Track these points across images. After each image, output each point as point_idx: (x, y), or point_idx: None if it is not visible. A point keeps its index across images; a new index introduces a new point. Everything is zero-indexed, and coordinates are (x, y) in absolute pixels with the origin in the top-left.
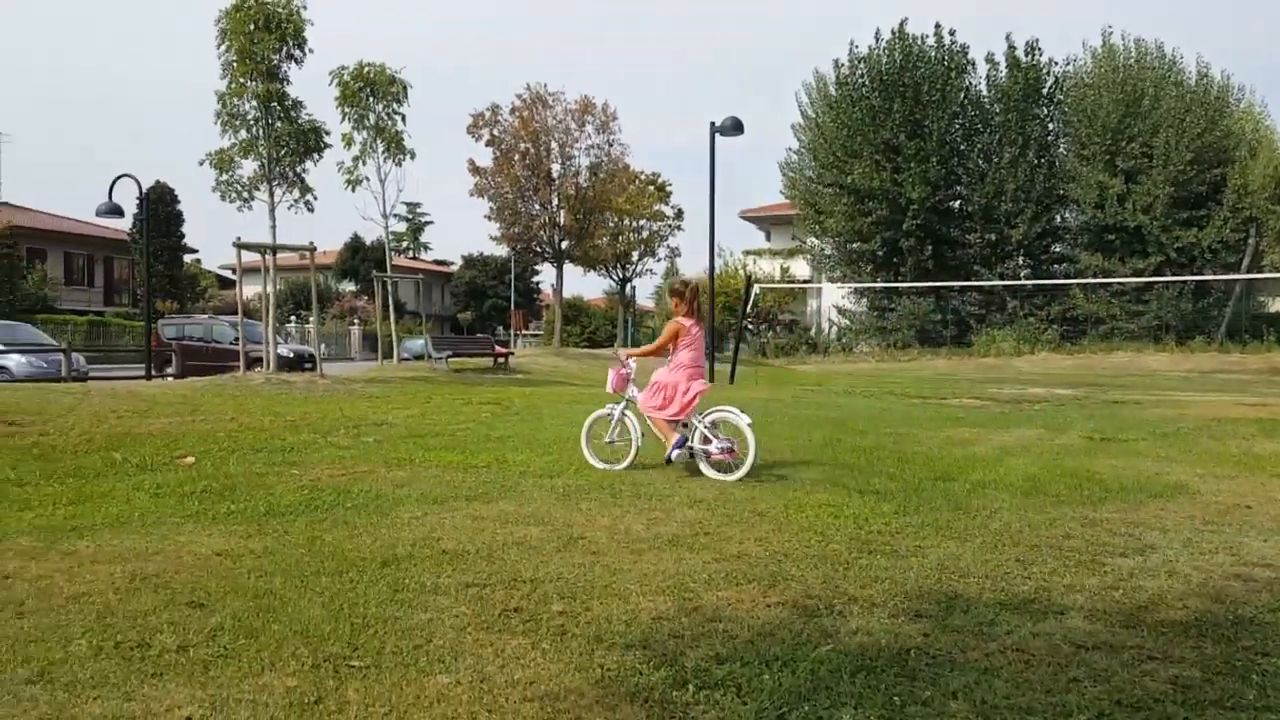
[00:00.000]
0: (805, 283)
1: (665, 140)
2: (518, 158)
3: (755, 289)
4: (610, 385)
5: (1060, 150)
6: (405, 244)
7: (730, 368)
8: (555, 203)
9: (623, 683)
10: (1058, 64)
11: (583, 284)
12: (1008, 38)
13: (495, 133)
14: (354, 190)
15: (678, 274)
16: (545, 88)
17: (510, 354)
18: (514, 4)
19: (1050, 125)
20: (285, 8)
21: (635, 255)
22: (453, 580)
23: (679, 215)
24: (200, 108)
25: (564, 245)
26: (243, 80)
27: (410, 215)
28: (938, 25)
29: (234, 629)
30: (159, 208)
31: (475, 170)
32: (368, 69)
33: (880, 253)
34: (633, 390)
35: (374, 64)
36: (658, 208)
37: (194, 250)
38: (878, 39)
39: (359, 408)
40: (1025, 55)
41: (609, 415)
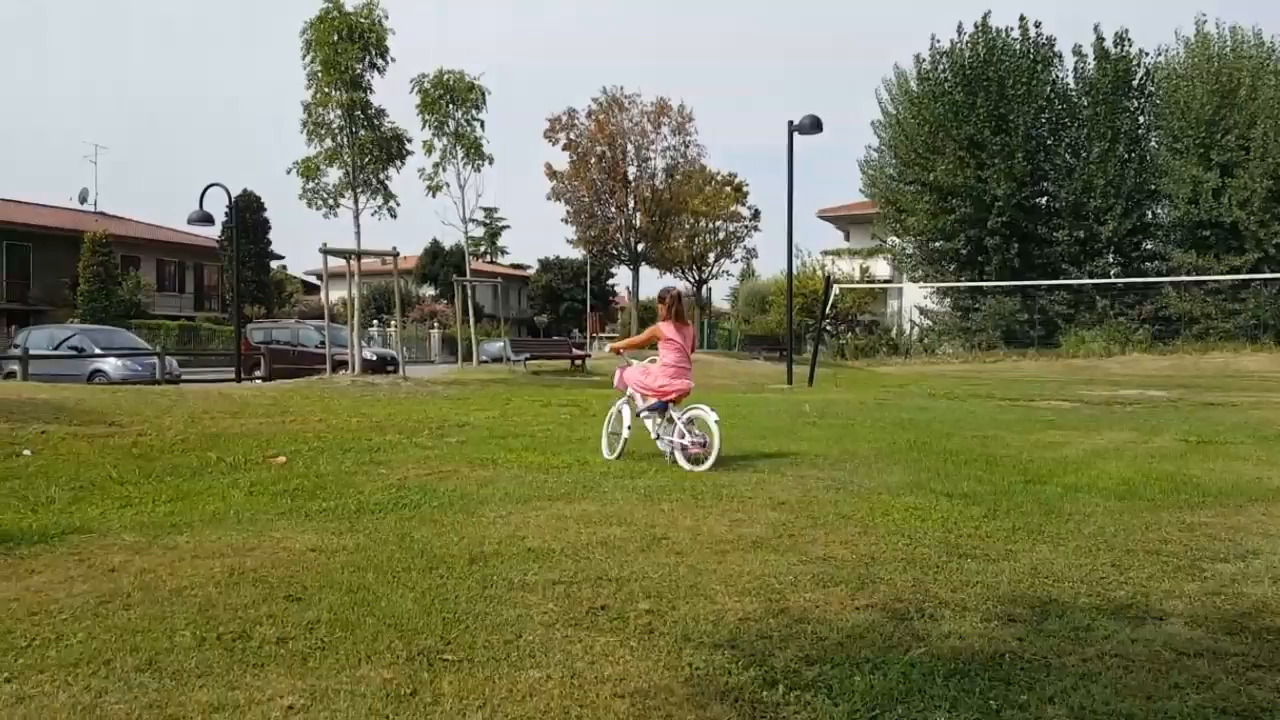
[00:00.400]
0: (886, 282)
1: (742, 139)
2: (594, 161)
3: (835, 289)
4: (616, 381)
5: (1151, 144)
6: (483, 248)
7: (809, 369)
8: (631, 205)
9: (712, 682)
10: (1148, 55)
11: (658, 286)
12: (1096, 29)
13: (572, 136)
14: (434, 196)
15: (754, 276)
16: (621, 90)
17: (587, 356)
18: (591, 6)
19: (1141, 118)
20: (368, 18)
21: (711, 257)
22: (539, 578)
23: (755, 216)
24: (287, 117)
25: (640, 248)
26: (327, 90)
27: (488, 220)
28: (1022, 17)
29: (330, 622)
30: (247, 215)
31: (552, 174)
32: (447, 76)
33: (964, 251)
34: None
35: (453, 71)
36: (734, 208)
37: (280, 256)
38: (960, 33)
39: (441, 409)
40: (1114, 46)
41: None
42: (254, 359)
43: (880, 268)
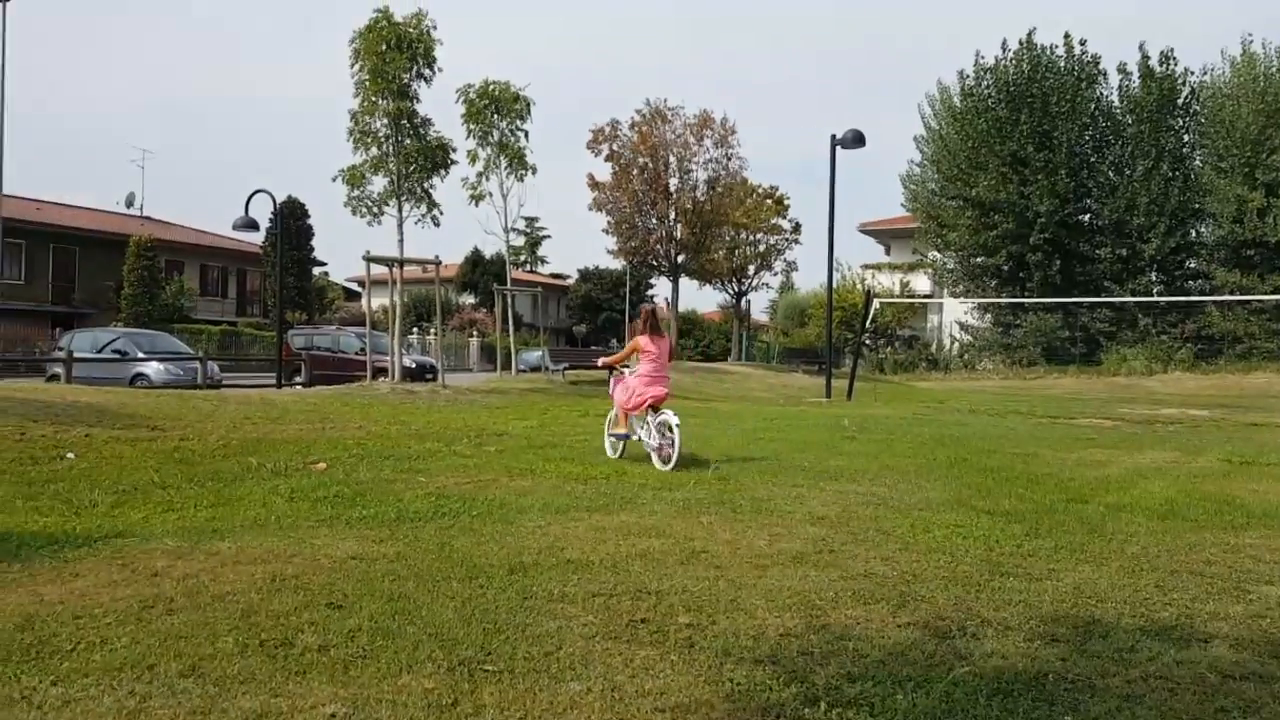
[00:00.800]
0: (926, 297)
1: (784, 153)
2: (636, 172)
3: (875, 303)
4: (612, 390)
5: (1196, 163)
6: (523, 257)
7: (848, 383)
8: (672, 217)
9: (753, 697)
10: (1193, 74)
11: (698, 298)
12: (1141, 47)
13: (615, 148)
14: (477, 205)
15: (793, 289)
16: (665, 102)
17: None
18: (636, 19)
19: (1185, 137)
20: (416, 28)
21: (751, 269)
22: (579, 589)
23: (796, 229)
24: (334, 125)
25: (680, 259)
26: (374, 99)
27: (529, 230)
28: (1067, 35)
29: (371, 630)
30: (291, 222)
31: (594, 185)
32: (493, 87)
33: (1005, 267)
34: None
35: (499, 82)
36: (775, 221)
37: (323, 263)
38: (1004, 49)
39: (480, 418)
40: (1159, 65)
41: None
42: (295, 365)
43: (921, 282)
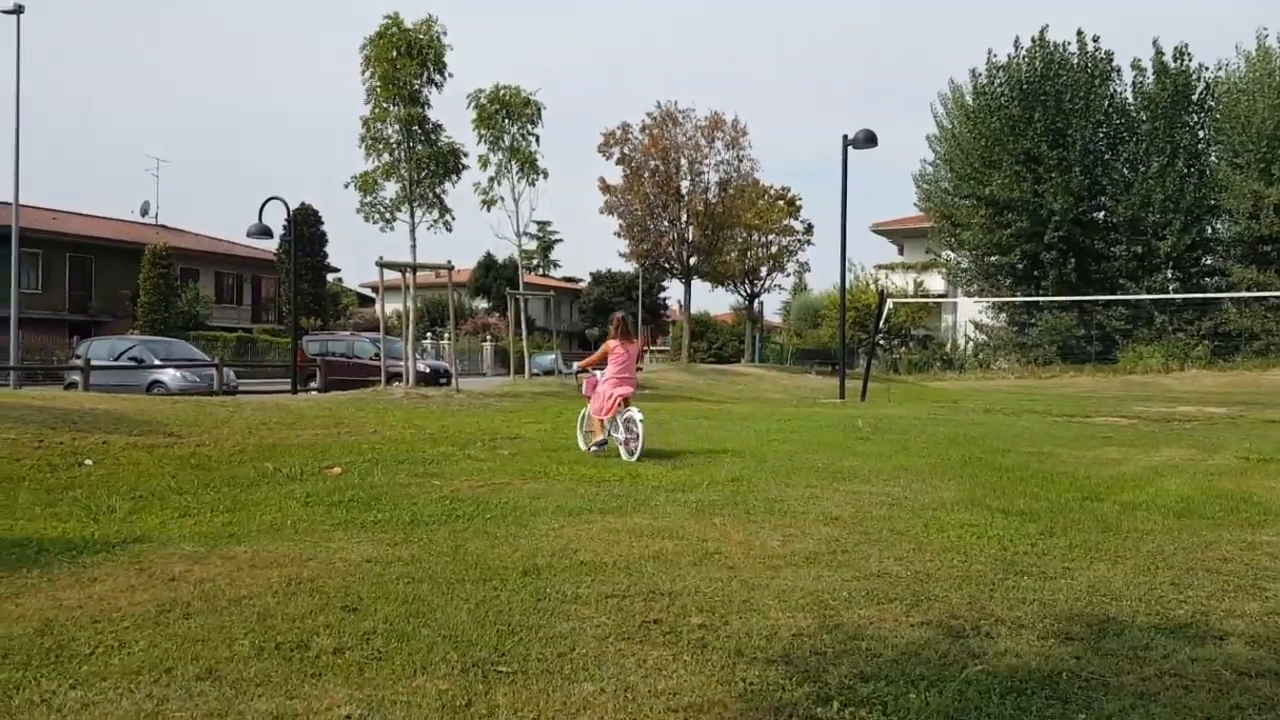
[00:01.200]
0: (940, 297)
1: (796, 153)
2: (647, 175)
3: (888, 304)
4: (585, 390)
5: (1211, 159)
6: (535, 262)
7: (862, 384)
8: (684, 219)
9: (766, 697)
10: (1208, 69)
11: (710, 300)
12: (1155, 43)
13: (626, 151)
14: (489, 210)
15: (806, 290)
16: (675, 105)
17: (638, 370)
18: (645, 20)
19: (1200, 133)
20: (426, 34)
21: (764, 270)
22: (592, 591)
23: (809, 230)
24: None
25: (692, 261)
26: (385, 105)
27: (540, 234)
28: (1080, 32)
29: (386, 633)
30: (304, 228)
31: (606, 188)
32: (503, 91)
33: (1020, 266)
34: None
35: (509, 86)
36: (787, 222)
37: (336, 269)
38: (1017, 47)
39: (494, 421)
40: (1173, 61)
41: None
42: (310, 371)
43: (935, 282)
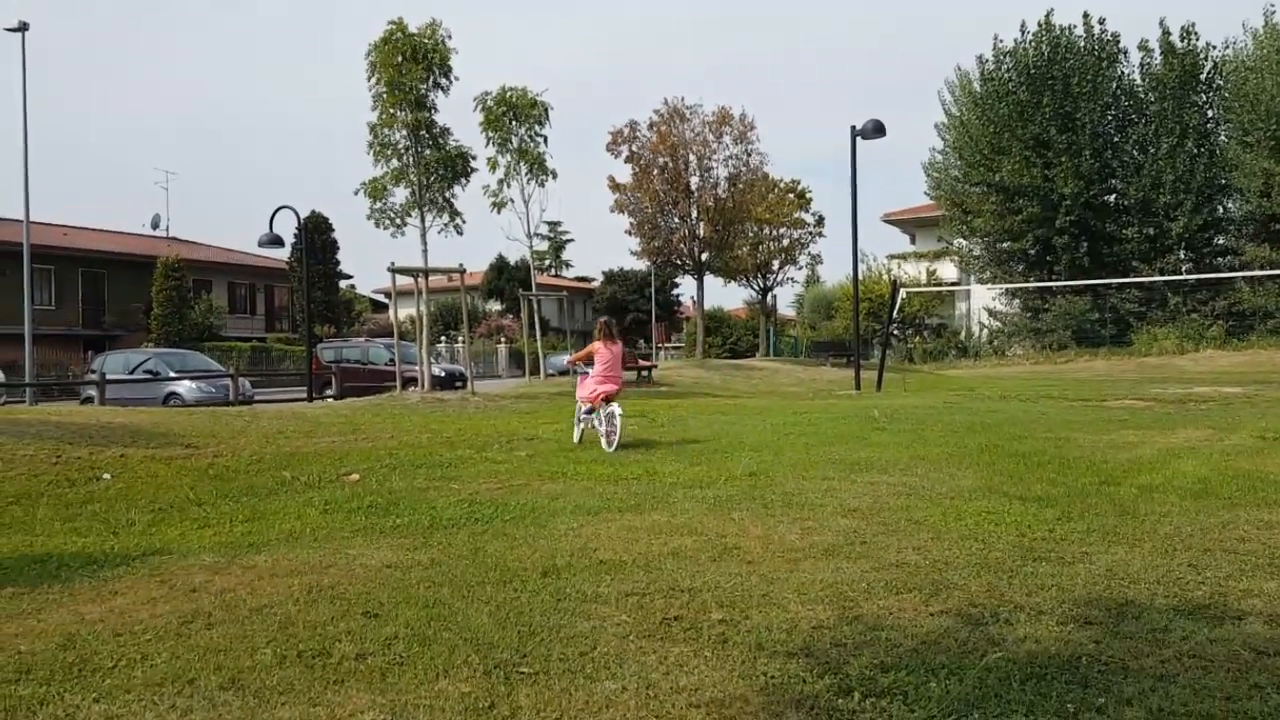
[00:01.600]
0: (953, 285)
1: (809, 148)
2: (656, 172)
3: (901, 293)
4: (578, 391)
5: (1221, 138)
6: (547, 262)
7: (877, 374)
8: (694, 215)
9: (787, 690)
10: (1215, 48)
11: (723, 295)
12: (1161, 23)
13: (634, 149)
14: (499, 212)
15: (819, 282)
16: (683, 101)
17: (653, 367)
18: (650, 18)
19: (1210, 112)
20: (431, 38)
21: (776, 264)
22: (612, 589)
23: (820, 222)
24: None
25: (704, 257)
26: (392, 110)
27: (552, 234)
28: (1086, 15)
29: (408, 637)
30: (315, 236)
31: (615, 187)
32: (510, 93)
33: (1032, 251)
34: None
35: (516, 88)
36: (798, 215)
37: (349, 276)
38: (1023, 32)
39: (510, 423)
40: (1181, 40)
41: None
42: (325, 378)
43: (947, 270)
